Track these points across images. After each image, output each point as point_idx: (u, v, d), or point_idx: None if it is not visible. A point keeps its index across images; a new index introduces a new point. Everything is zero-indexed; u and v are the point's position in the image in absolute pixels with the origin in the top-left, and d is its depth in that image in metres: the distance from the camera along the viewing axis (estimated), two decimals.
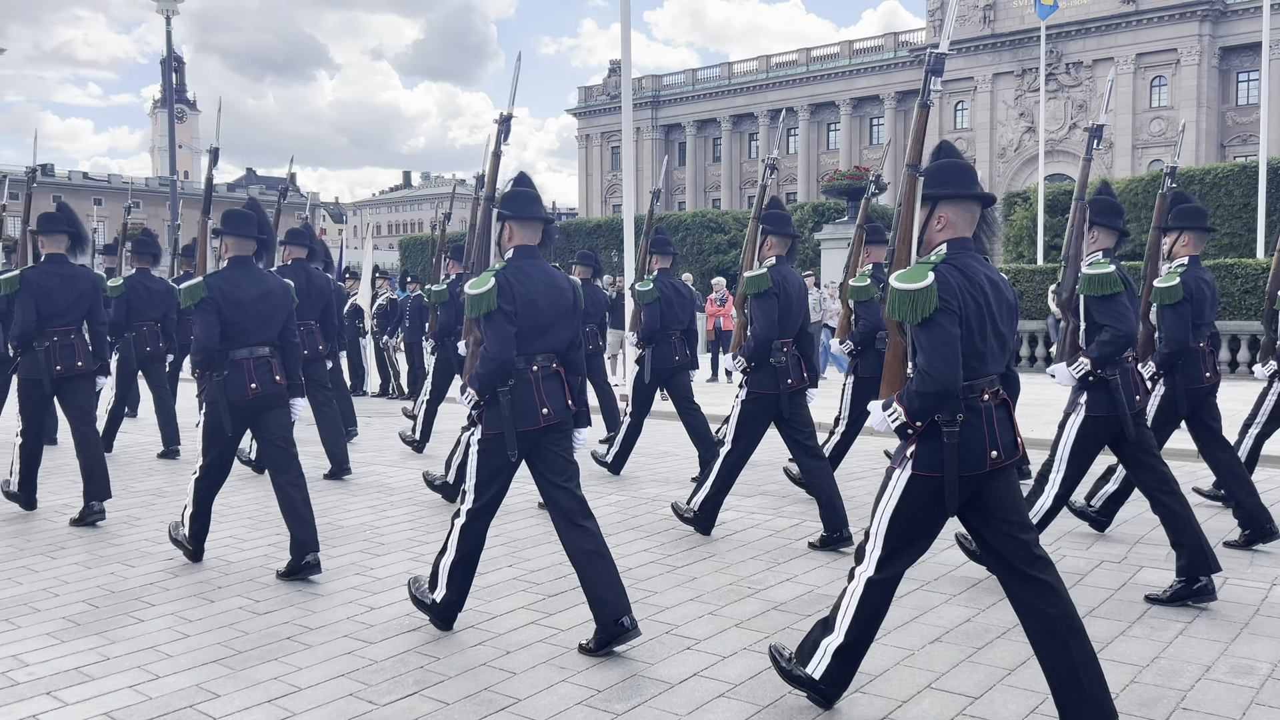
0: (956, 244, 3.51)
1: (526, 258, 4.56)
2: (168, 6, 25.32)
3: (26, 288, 6.66)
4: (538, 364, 4.47)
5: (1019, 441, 3.60)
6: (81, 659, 4.31)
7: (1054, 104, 58.88)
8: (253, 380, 5.48)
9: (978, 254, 3.54)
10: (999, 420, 3.51)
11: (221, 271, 5.61)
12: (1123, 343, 5.00)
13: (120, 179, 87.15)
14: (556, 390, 4.51)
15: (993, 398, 3.51)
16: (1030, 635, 3.51)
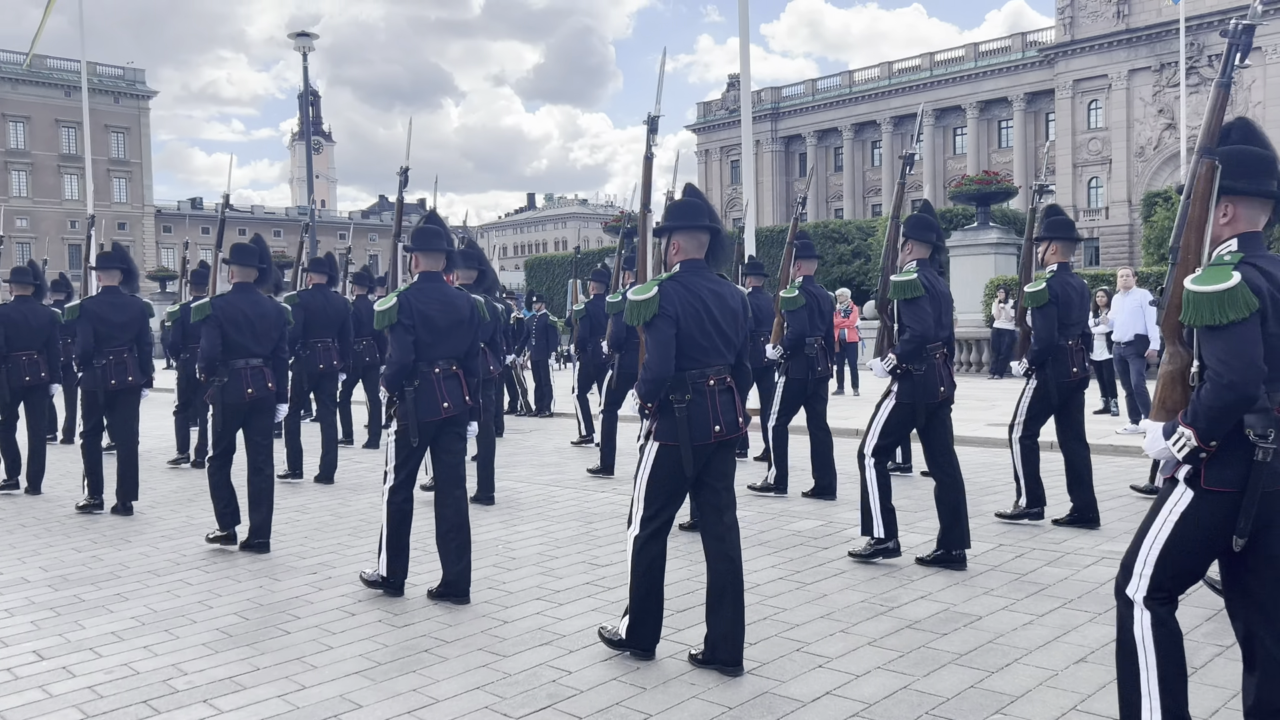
0: (1248, 239, 3.10)
1: (694, 272, 4.38)
2: (304, 44, 26.47)
3: (216, 315, 6.69)
4: (713, 378, 4.33)
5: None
6: (234, 669, 4.51)
7: (1196, 99, 56.08)
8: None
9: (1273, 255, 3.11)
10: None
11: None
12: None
13: (262, 209, 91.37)
14: (729, 405, 4.40)
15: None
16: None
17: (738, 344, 4.48)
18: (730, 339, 4.42)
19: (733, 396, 4.43)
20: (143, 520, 7.88)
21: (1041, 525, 6.92)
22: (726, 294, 4.44)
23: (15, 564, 6.57)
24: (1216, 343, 2.94)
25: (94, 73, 71.14)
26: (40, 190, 74.49)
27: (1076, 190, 62.53)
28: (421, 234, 5.69)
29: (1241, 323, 2.90)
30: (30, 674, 4.51)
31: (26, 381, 9.18)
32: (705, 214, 4.46)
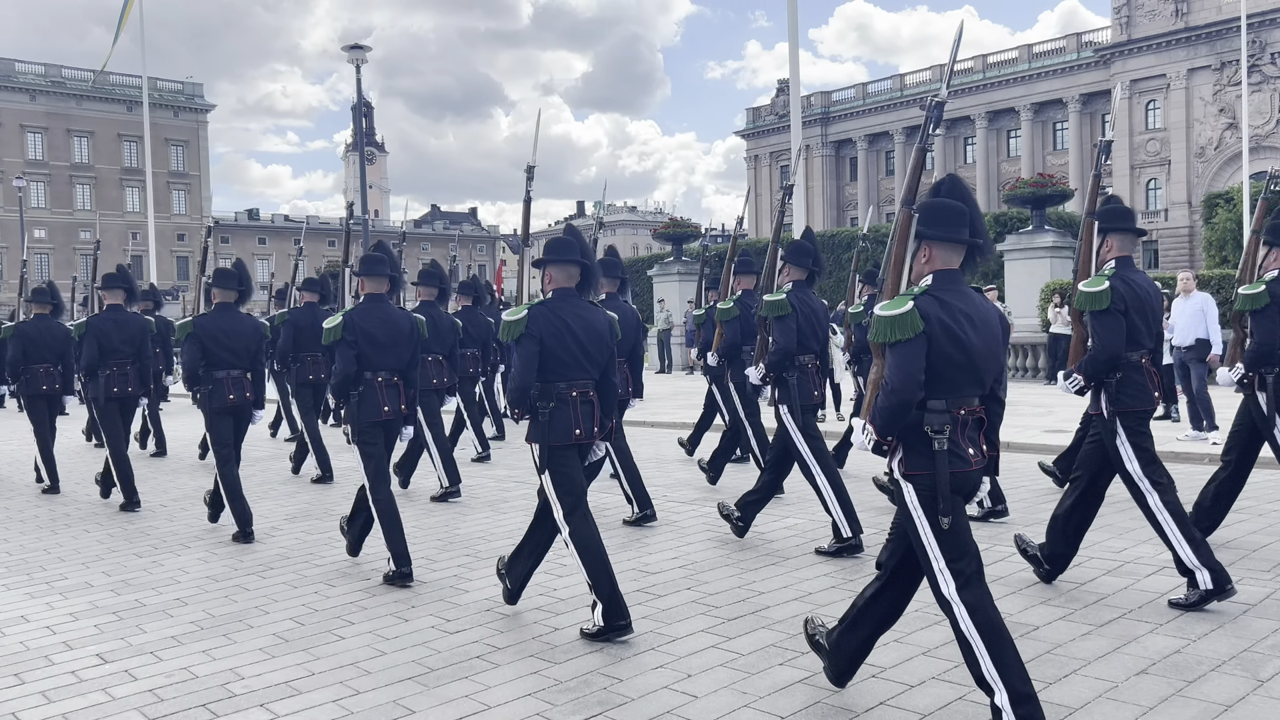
0: (942, 276, 3.73)
1: (563, 299, 5.05)
2: (357, 57, 26.86)
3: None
4: (575, 390, 5.04)
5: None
6: (290, 673, 4.58)
7: (1258, 97, 55.00)
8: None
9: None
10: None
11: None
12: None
13: (317, 220, 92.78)
14: (589, 414, 5.14)
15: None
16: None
17: (601, 362, 5.14)
18: (594, 357, 5.09)
19: (593, 407, 5.12)
20: (200, 527, 8.02)
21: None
22: (594, 319, 5.12)
23: (79, 569, 6.72)
24: (888, 357, 3.60)
25: (154, 88, 72.95)
26: (103, 203, 76.36)
27: (1134, 192, 61.42)
28: (367, 261, 6.39)
29: (907, 342, 3.54)
30: (93, 677, 4.61)
31: (43, 390, 9.83)
32: (576, 250, 5.14)
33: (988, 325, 3.69)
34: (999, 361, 3.76)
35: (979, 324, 3.66)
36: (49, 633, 5.31)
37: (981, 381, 3.71)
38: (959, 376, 3.63)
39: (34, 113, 74.03)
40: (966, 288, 3.76)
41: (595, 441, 5.18)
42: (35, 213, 70.60)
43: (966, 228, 3.76)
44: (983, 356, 3.66)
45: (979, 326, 3.65)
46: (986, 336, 3.68)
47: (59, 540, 7.69)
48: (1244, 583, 5.51)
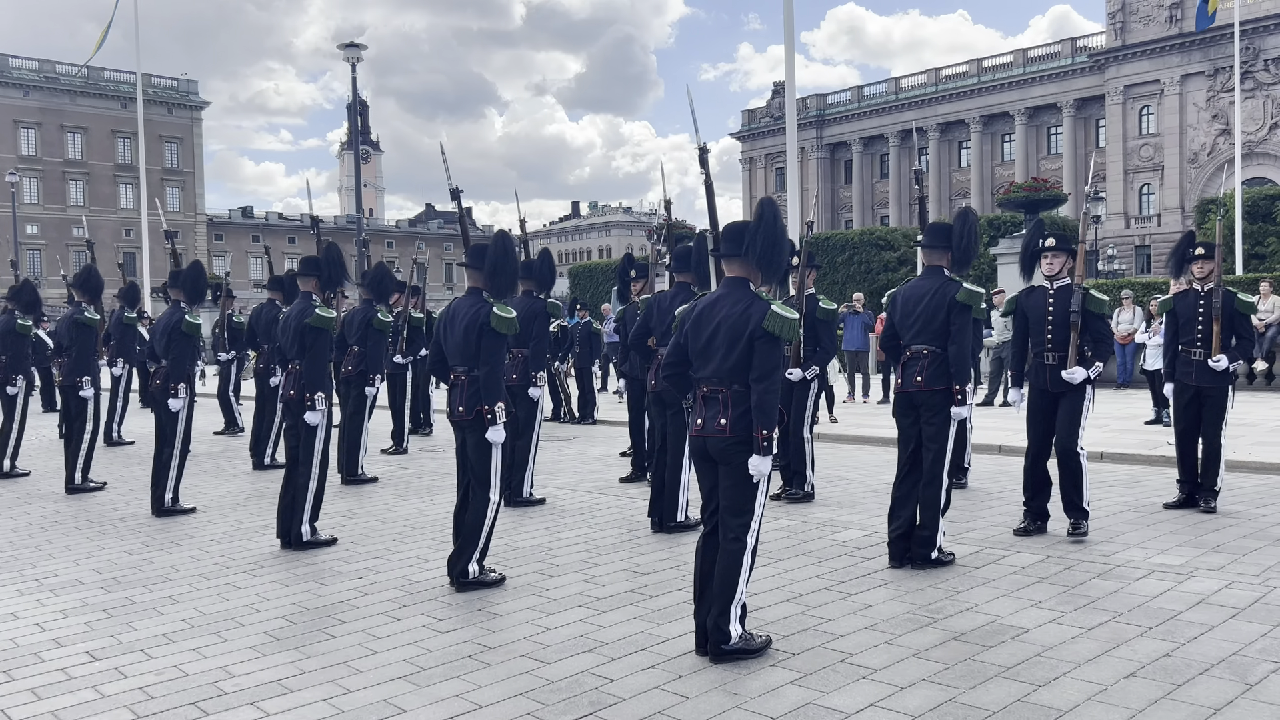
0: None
1: (466, 295, 6.15)
2: (353, 55, 26.83)
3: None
4: (454, 374, 6.12)
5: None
6: (280, 672, 4.57)
7: (1251, 103, 55.18)
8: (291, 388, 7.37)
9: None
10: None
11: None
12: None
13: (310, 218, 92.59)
14: (458, 396, 6.09)
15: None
16: None
17: (465, 353, 5.97)
18: (459, 348, 6.00)
19: (462, 390, 5.97)
20: (192, 524, 8.01)
21: (1087, 538, 6.81)
22: (460, 314, 6.02)
23: (70, 566, 6.71)
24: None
25: (149, 84, 72.70)
26: (96, 199, 76.12)
27: (1128, 197, 61.60)
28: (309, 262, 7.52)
29: None
30: (83, 674, 4.59)
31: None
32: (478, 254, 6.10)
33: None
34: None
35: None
36: (39, 630, 5.30)
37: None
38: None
39: (27, 108, 73.81)
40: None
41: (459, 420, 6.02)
42: (27, 208, 70.36)
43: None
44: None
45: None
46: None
47: (49, 537, 7.67)
48: (1233, 586, 5.53)
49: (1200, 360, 7.58)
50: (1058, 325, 6.76)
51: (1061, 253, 6.83)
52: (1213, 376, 7.56)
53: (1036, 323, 6.88)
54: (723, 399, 4.61)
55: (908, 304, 6.39)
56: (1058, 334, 6.75)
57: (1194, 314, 7.65)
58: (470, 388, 5.93)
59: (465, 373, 6.01)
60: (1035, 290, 6.97)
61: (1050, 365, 6.78)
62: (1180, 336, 7.76)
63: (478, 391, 5.88)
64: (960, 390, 6.12)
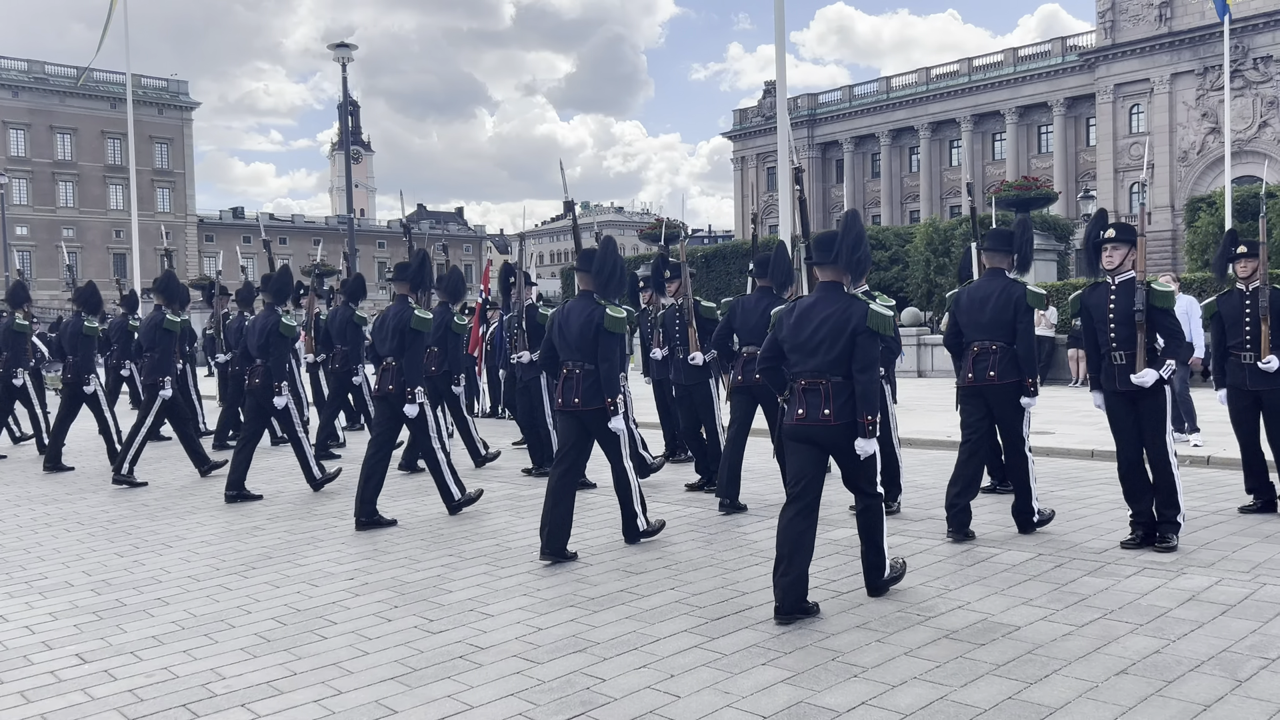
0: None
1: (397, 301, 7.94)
2: (343, 55, 26.77)
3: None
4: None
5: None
6: (271, 673, 4.56)
7: (1240, 102, 55.39)
8: (390, 384, 7.92)
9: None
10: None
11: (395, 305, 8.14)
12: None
13: (303, 219, 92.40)
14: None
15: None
16: None
17: (583, 350, 6.52)
18: (576, 346, 6.55)
19: (578, 384, 6.55)
20: (183, 526, 7.98)
21: (1078, 539, 6.83)
22: (575, 315, 6.57)
23: (59, 568, 6.68)
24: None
25: (139, 85, 72.54)
26: (86, 201, 75.88)
27: (1118, 195, 61.74)
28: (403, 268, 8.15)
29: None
30: (72, 677, 4.58)
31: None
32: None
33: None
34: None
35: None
36: (28, 632, 5.28)
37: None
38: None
39: (16, 109, 73.51)
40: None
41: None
42: (17, 210, 70.07)
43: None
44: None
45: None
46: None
47: (39, 539, 7.64)
48: (1223, 583, 5.55)
49: (1251, 364, 7.24)
50: (1120, 323, 6.33)
51: (1122, 244, 6.36)
52: (1267, 379, 7.21)
53: (1100, 321, 6.47)
54: (824, 390, 5.15)
55: (973, 304, 6.92)
56: (1121, 331, 6.33)
57: (1240, 315, 7.32)
58: (587, 381, 6.50)
59: (580, 368, 6.54)
60: (1099, 286, 6.54)
61: (1119, 365, 6.37)
62: (1228, 340, 7.41)
63: (596, 385, 6.48)
64: (1031, 382, 6.66)
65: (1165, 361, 6.23)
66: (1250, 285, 7.33)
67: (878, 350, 5.21)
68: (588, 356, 6.55)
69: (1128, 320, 6.28)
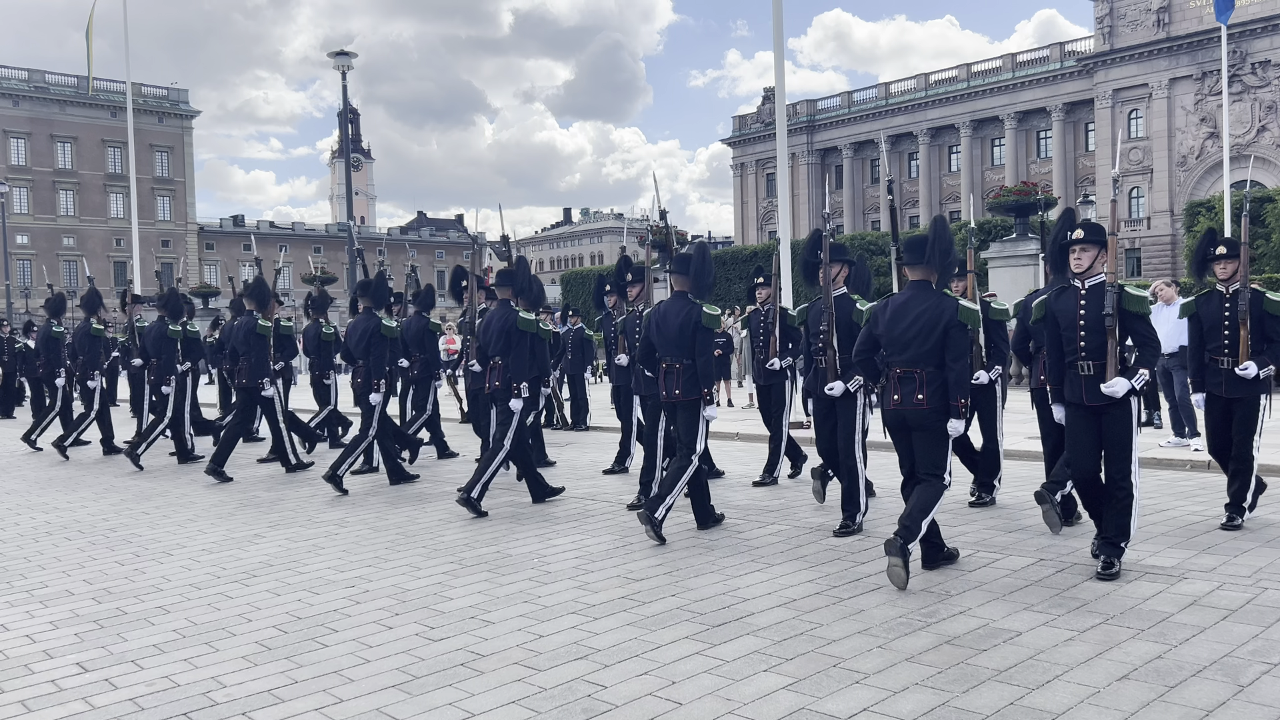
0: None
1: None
2: (343, 63, 26.82)
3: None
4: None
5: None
6: (272, 681, 4.55)
7: (1239, 106, 55.48)
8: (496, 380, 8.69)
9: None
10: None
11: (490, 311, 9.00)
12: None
13: (303, 226, 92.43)
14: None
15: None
16: None
17: (680, 346, 7.23)
18: (674, 343, 7.25)
19: (676, 377, 7.26)
20: (184, 534, 7.98)
21: (1072, 539, 6.82)
22: (672, 314, 7.28)
23: (60, 576, 6.68)
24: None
25: (139, 93, 72.67)
26: (86, 209, 75.96)
27: (1117, 200, 61.80)
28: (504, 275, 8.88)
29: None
30: (73, 686, 4.57)
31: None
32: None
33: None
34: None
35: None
36: (29, 641, 5.27)
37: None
38: None
39: (16, 118, 73.65)
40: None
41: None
42: (17, 218, 70.16)
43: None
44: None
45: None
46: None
47: (39, 548, 7.63)
48: (1225, 588, 5.55)
49: (1229, 369, 6.99)
50: (1090, 330, 5.84)
51: (1092, 246, 5.88)
52: (1244, 386, 6.96)
53: (1069, 328, 5.95)
54: (918, 378, 5.84)
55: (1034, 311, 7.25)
56: (1091, 340, 5.83)
57: (1219, 318, 7.07)
58: (684, 374, 7.21)
59: (679, 362, 7.23)
60: (1066, 290, 6.06)
61: (1087, 376, 5.86)
62: (1207, 343, 7.15)
63: (693, 378, 7.20)
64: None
65: (1138, 371, 5.77)
66: (1230, 287, 7.07)
67: (968, 341, 5.93)
68: (685, 352, 7.23)
69: (1099, 327, 5.82)
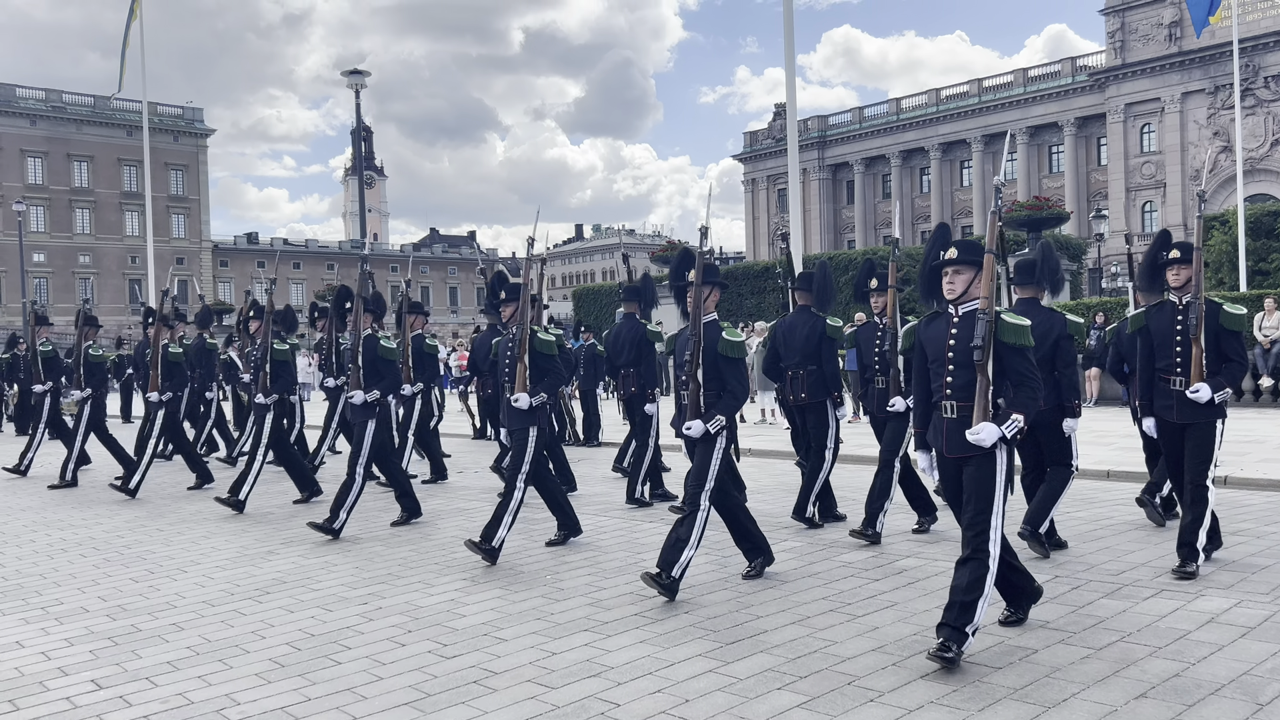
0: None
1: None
2: (357, 82, 27.01)
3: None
4: None
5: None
6: (286, 699, 4.55)
7: (1252, 120, 55.30)
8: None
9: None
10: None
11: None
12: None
13: (316, 243, 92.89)
14: None
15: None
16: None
17: (805, 354, 7.99)
18: (800, 352, 8.00)
19: (802, 382, 8.02)
20: (197, 551, 8.00)
21: (1079, 558, 6.78)
22: (798, 327, 7.96)
23: (75, 594, 6.70)
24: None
25: (154, 113, 73.24)
26: (102, 227, 76.51)
27: (1130, 215, 61.65)
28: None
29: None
30: (88, 703, 4.58)
31: None
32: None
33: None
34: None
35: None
36: (44, 658, 5.29)
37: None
38: None
39: (34, 137, 74.34)
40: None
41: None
42: (35, 237, 70.74)
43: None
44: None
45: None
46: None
47: (55, 565, 7.66)
48: (1243, 605, 5.50)
49: (1180, 391, 6.16)
50: (959, 365, 4.92)
51: (966, 267, 4.94)
52: (1196, 410, 6.10)
53: (936, 361, 5.06)
54: None
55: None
56: (959, 376, 4.91)
57: (1171, 333, 6.23)
58: (809, 379, 7.92)
59: (804, 369, 7.93)
60: (937, 318, 5.18)
61: (950, 419, 4.95)
62: (1157, 360, 6.32)
63: (820, 382, 7.90)
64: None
65: (1011, 416, 4.73)
66: (1183, 298, 6.23)
67: (1074, 350, 6.64)
68: (809, 359, 7.95)
69: (968, 362, 4.83)
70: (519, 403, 7.29)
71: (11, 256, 67.39)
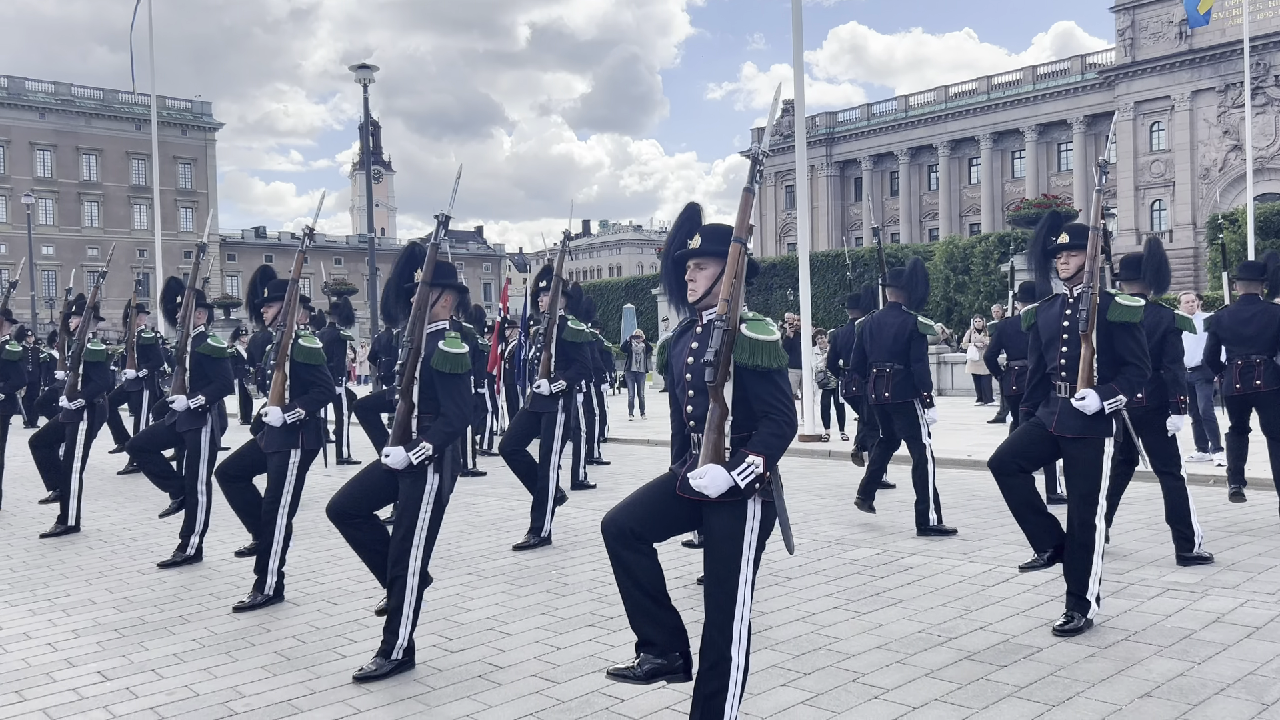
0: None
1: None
2: (364, 77, 27.00)
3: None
4: None
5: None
6: (291, 692, 4.57)
7: (1262, 119, 55.09)
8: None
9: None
10: None
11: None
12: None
13: (324, 238, 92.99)
14: None
15: None
16: None
17: (894, 352, 7.79)
18: (889, 350, 7.84)
19: (888, 380, 7.77)
20: (204, 544, 8.01)
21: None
22: (888, 325, 7.71)
23: (82, 586, 6.73)
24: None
25: (163, 106, 73.24)
26: (111, 221, 76.69)
27: (1139, 213, 61.46)
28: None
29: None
30: (95, 694, 4.60)
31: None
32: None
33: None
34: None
35: None
36: (51, 650, 5.31)
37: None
38: None
39: (43, 130, 74.53)
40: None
41: None
42: (43, 229, 70.93)
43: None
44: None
45: None
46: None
47: (62, 557, 7.69)
48: (1249, 605, 5.49)
49: (1065, 398, 5.24)
50: (699, 390, 3.69)
51: (710, 259, 3.77)
52: (1079, 422, 5.15)
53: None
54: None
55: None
56: (699, 405, 3.69)
57: (1058, 329, 5.35)
58: (894, 378, 7.71)
59: (890, 367, 7.71)
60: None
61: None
62: (1046, 362, 5.45)
63: (905, 382, 7.68)
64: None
65: (746, 458, 3.53)
66: (1074, 289, 5.33)
67: (1183, 344, 6.55)
68: (897, 358, 7.73)
69: (703, 388, 3.64)
70: (540, 388, 7.56)
71: (20, 249, 67.59)
